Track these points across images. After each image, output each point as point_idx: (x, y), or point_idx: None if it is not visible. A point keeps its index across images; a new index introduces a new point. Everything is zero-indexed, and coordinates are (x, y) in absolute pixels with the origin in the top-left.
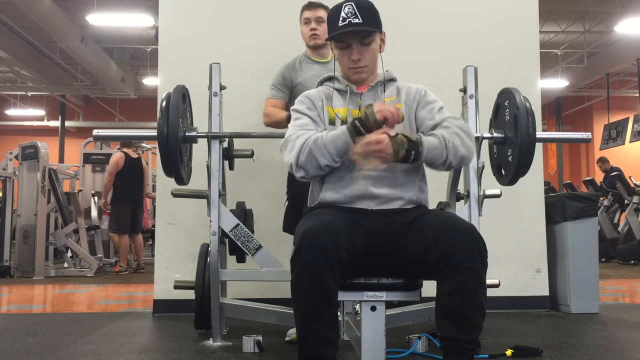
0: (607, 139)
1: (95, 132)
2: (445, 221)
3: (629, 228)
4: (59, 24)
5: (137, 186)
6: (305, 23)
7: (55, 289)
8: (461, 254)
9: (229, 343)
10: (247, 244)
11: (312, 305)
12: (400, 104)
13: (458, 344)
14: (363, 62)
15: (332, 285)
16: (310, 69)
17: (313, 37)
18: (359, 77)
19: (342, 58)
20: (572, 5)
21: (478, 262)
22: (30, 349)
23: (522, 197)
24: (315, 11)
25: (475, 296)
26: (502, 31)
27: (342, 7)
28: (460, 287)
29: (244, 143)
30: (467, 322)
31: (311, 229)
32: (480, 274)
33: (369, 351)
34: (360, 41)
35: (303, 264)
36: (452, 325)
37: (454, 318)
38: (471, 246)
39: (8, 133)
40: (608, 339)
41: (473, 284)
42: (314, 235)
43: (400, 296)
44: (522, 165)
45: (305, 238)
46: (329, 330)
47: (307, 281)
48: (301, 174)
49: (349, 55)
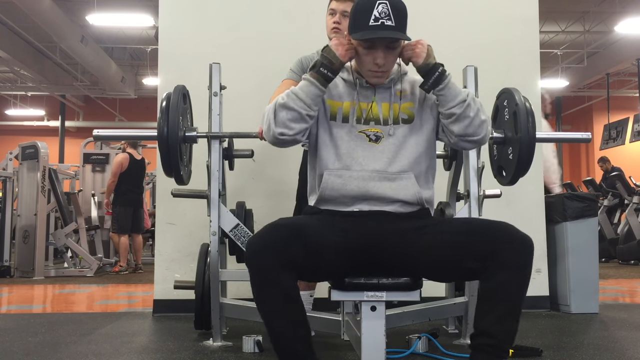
0: (607, 139)
1: (96, 132)
2: (482, 223)
3: (629, 228)
4: (59, 24)
5: (139, 187)
6: (330, 13)
7: (55, 289)
8: (512, 255)
9: (229, 343)
10: None
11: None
12: (412, 102)
13: (495, 341)
14: (386, 67)
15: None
16: None
17: (334, 31)
18: (379, 80)
19: (365, 58)
20: (572, 5)
21: (529, 263)
22: (30, 349)
23: (522, 197)
24: (343, 3)
25: (522, 294)
26: (502, 31)
27: (376, 4)
28: (509, 281)
29: (244, 143)
30: (512, 316)
31: (257, 233)
32: (529, 276)
33: (369, 351)
34: (388, 45)
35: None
36: (494, 320)
37: (498, 311)
38: (518, 244)
39: (8, 133)
40: (608, 339)
41: (523, 283)
42: (258, 237)
43: (400, 296)
44: (522, 165)
45: (251, 240)
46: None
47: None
48: (280, 130)
49: (372, 57)
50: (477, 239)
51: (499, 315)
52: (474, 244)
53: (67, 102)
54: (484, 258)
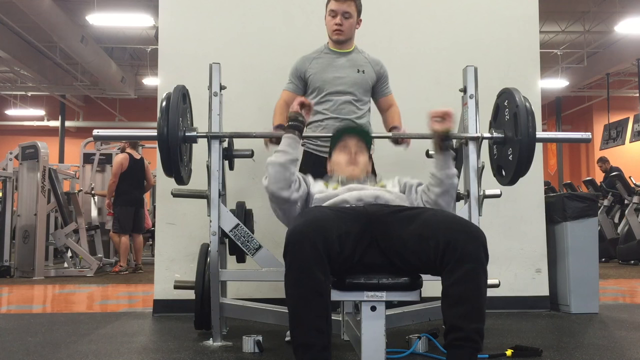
0: (607, 139)
1: (96, 132)
2: (447, 217)
3: (629, 228)
4: (59, 24)
5: (140, 187)
6: (331, 15)
7: (55, 289)
8: (465, 247)
9: (229, 343)
10: (247, 244)
11: (301, 295)
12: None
13: (463, 333)
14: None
15: (320, 275)
16: (327, 58)
17: (336, 33)
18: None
19: None
20: (572, 5)
21: (482, 253)
22: (30, 349)
23: (522, 197)
24: (344, 4)
25: (481, 284)
26: (502, 31)
27: None
28: (467, 276)
29: (244, 143)
30: (474, 308)
31: (298, 226)
32: (484, 265)
33: (369, 351)
34: None
35: (292, 258)
36: (459, 313)
37: (460, 305)
38: (474, 240)
39: (8, 133)
40: (608, 339)
41: (479, 273)
42: (299, 232)
43: (400, 296)
44: (522, 165)
45: (292, 236)
46: (318, 319)
47: (296, 272)
48: (273, 188)
49: None
50: (432, 235)
51: (464, 309)
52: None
53: (67, 102)
54: (442, 253)
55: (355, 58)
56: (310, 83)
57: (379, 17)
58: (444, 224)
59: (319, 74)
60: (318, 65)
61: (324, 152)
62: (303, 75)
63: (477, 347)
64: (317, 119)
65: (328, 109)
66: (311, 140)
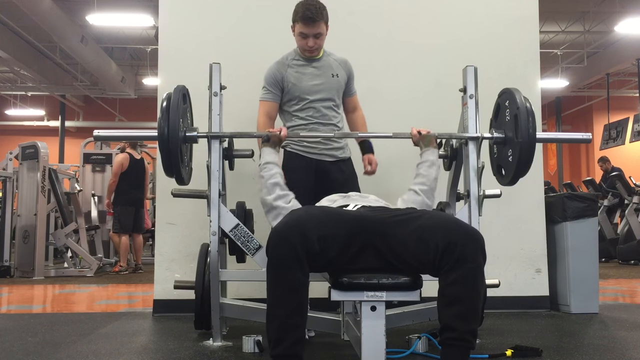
0: (607, 139)
1: (96, 132)
2: (446, 219)
3: (629, 228)
4: (59, 24)
5: (140, 187)
6: (301, 36)
7: (55, 289)
8: (464, 248)
9: (229, 343)
10: (247, 244)
11: (276, 292)
12: None
13: (457, 333)
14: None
15: (296, 274)
16: (301, 66)
17: (309, 52)
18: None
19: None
20: (572, 5)
21: (480, 255)
22: (30, 349)
23: (522, 197)
24: (314, 27)
25: (478, 286)
26: (502, 31)
27: None
28: (464, 277)
29: (244, 143)
30: (469, 309)
31: (279, 226)
32: (482, 267)
33: (369, 351)
34: None
35: (270, 256)
36: (454, 313)
37: (456, 306)
38: (473, 242)
39: (8, 133)
40: (608, 339)
41: (476, 275)
42: (278, 231)
43: (400, 296)
44: (522, 165)
45: (272, 235)
46: (292, 314)
47: (272, 270)
48: (270, 198)
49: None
50: (431, 237)
51: (459, 309)
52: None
53: (67, 102)
54: (441, 254)
55: (327, 63)
56: (288, 92)
57: (379, 17)
58: (443, 225)
59: (297, 84)
60: (295, 74)
61: (309, 152)
62: (281, 82)
63: (469, 346)
64: (302, 123)
65: (312, 116)
66: (295, 141)
